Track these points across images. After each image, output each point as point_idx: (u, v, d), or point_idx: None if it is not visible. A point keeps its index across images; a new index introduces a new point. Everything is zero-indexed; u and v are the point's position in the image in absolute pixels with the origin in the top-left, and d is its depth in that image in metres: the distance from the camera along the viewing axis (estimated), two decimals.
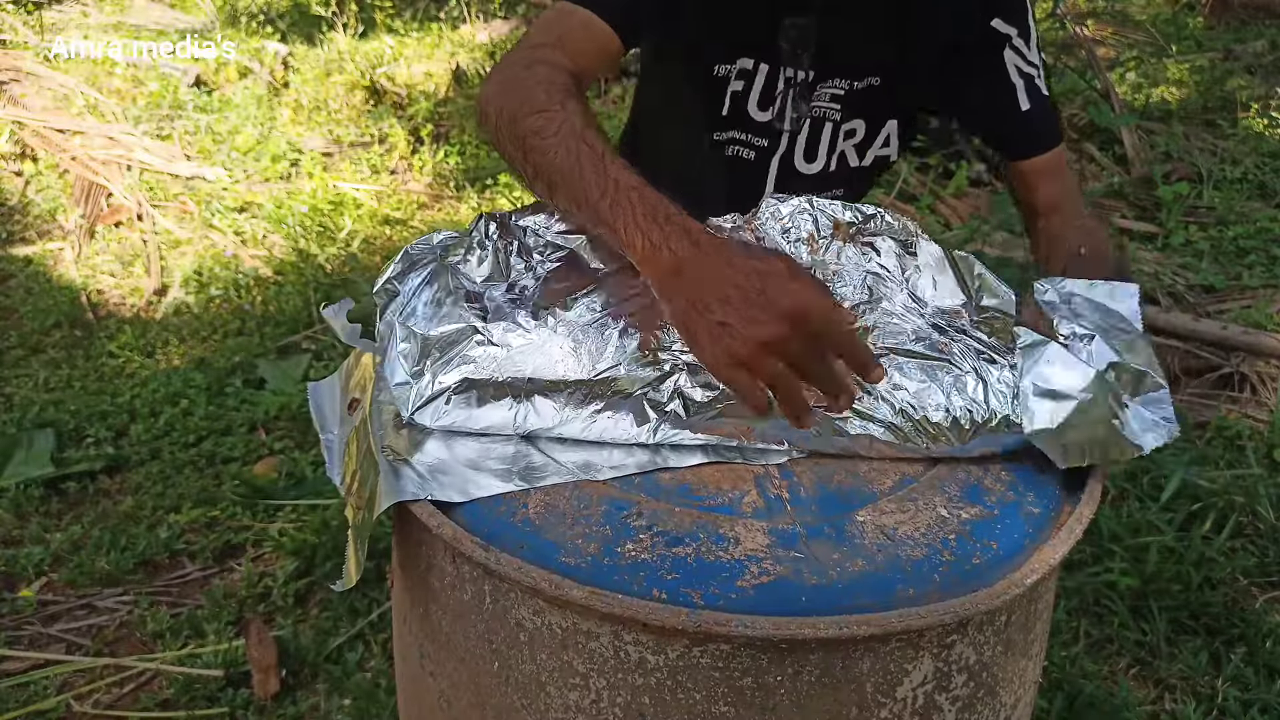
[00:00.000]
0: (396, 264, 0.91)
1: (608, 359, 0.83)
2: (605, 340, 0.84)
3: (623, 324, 0.84)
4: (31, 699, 1.74)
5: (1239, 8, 5.76)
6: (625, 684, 0.73)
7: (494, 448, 0.84)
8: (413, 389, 0.84)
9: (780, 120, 1.20)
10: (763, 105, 1.19)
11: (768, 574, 0.73)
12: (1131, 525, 2.06)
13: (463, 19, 5.59)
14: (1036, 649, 0.87)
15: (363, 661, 1.83)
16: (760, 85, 1.17)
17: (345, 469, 0.92)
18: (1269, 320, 2.85)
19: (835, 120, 1.21)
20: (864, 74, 1.18)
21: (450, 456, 0.83)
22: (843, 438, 0.85)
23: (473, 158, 4.03)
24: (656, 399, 0.83)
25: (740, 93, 1.18)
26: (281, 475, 2.32)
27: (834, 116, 1.21)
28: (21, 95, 4.13)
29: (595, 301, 0.86)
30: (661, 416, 0.84)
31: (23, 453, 2.36)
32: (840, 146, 1.23)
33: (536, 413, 0.84)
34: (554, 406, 0.84)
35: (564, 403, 0.84)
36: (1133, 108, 4.33)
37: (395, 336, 0.85)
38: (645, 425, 0.84)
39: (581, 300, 0.86)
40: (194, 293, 3.17)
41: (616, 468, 0.83)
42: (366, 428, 0.89)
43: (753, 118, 1.20)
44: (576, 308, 0.85)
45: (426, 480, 0.80)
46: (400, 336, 0.85)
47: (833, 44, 1.15)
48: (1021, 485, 0.86)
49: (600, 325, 0.84)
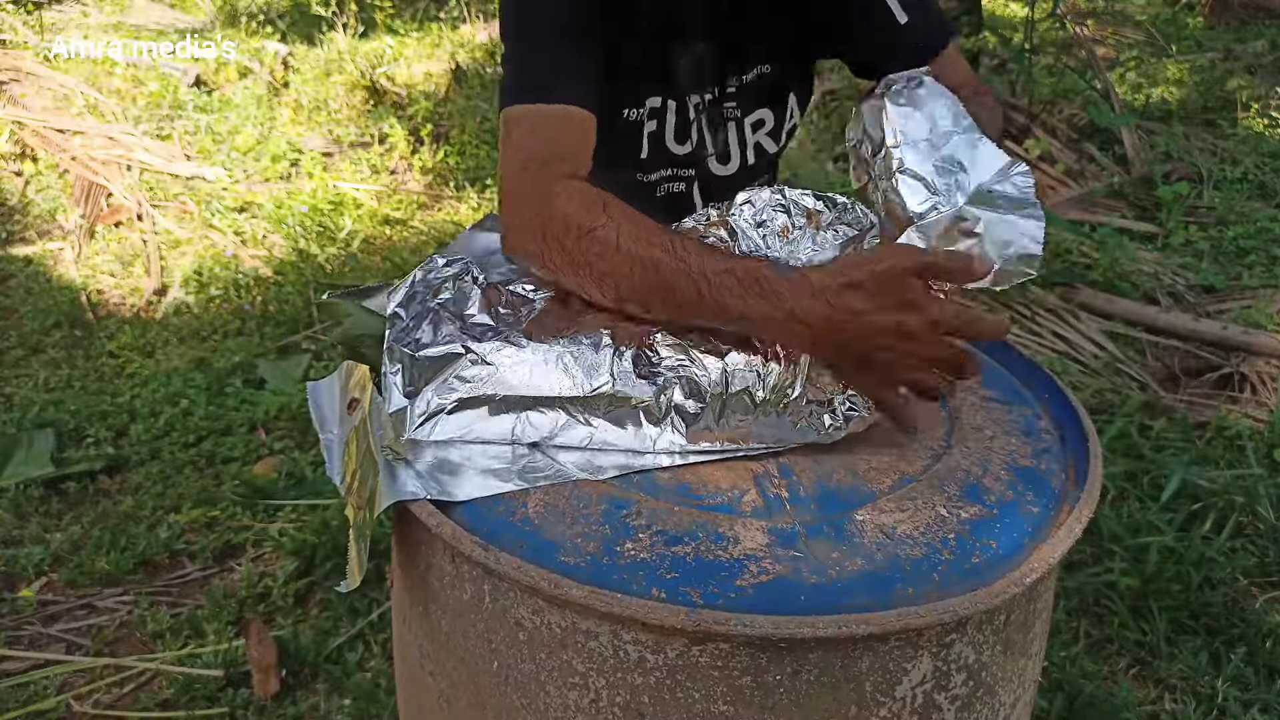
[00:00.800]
0: (402, 290, 0.91)
1: (603, 375, 0.83)
2: (599, 358, 0.84)
3: (613, 343, 0.85)
4: (31, 699, 1.74)
5: (1239, 8, 5.77)
6: (624, 683, 0.73)
7: (494, 448, 0.85)
8: (409, 410, 0.84)
9: (701, 148, 1.18)
10: (680, 139, 1.17)
11: (767, 573, 0.73)
12: (1131, 525, 2.06)
13: (463, 19, 5.59)
14: (1036, 648, 0.87)
15: (363, 661, 1.83)
16: (672, 121, 1.16)
17: (345, 468, 0.92)
18: (1269, 320, 2.85)
19: (737, 118, 1.19)
20: (756, 62, 1.16)
21: (450, 456, 0.83)
22: (836, 423, 0.86)
23: (472, 158, 4.04)
24: (654, 412, 0.84)
25: (656, 132, 1.16)
26: (281, 475, 2.32)
27: (735, 115, 1.19)
28: (21, 95, 4.13)
29: (584, 333, 0.86)
30: (659, 428, 0.84)
31: (23, 453, 2.36)
32: (753, 139, 1.21)
33: (534, 427, 0.85)
34: (550, 421, 0.84)
35: (561, 417, 0.84)
36: (1133, 108, 4.33)
37: (388, 361, 0.86)
38: (644, 437, 0.84)
39: (570, 333, 0.87)
40: (194, 293, 3.17)
41: (618, 467, 0.83)
42: (366, 427, 0.89)
43: (673, 152, 1.18)
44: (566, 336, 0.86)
45: (426, 479, 0.80)
46: (394, 359, 0.85)
47: (726, 49, 1.13)
48: (1021, 484, 0.86)
49: (593, 344, 0.84)
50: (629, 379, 0.83)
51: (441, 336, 0.84)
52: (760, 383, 0.83)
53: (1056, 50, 4.67)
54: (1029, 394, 1.02)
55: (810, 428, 0.85)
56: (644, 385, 0.83)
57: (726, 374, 0.82)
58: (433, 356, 0.84)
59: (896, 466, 0.86)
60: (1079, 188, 3.70)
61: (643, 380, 0.83)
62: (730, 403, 0.83)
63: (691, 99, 1.15)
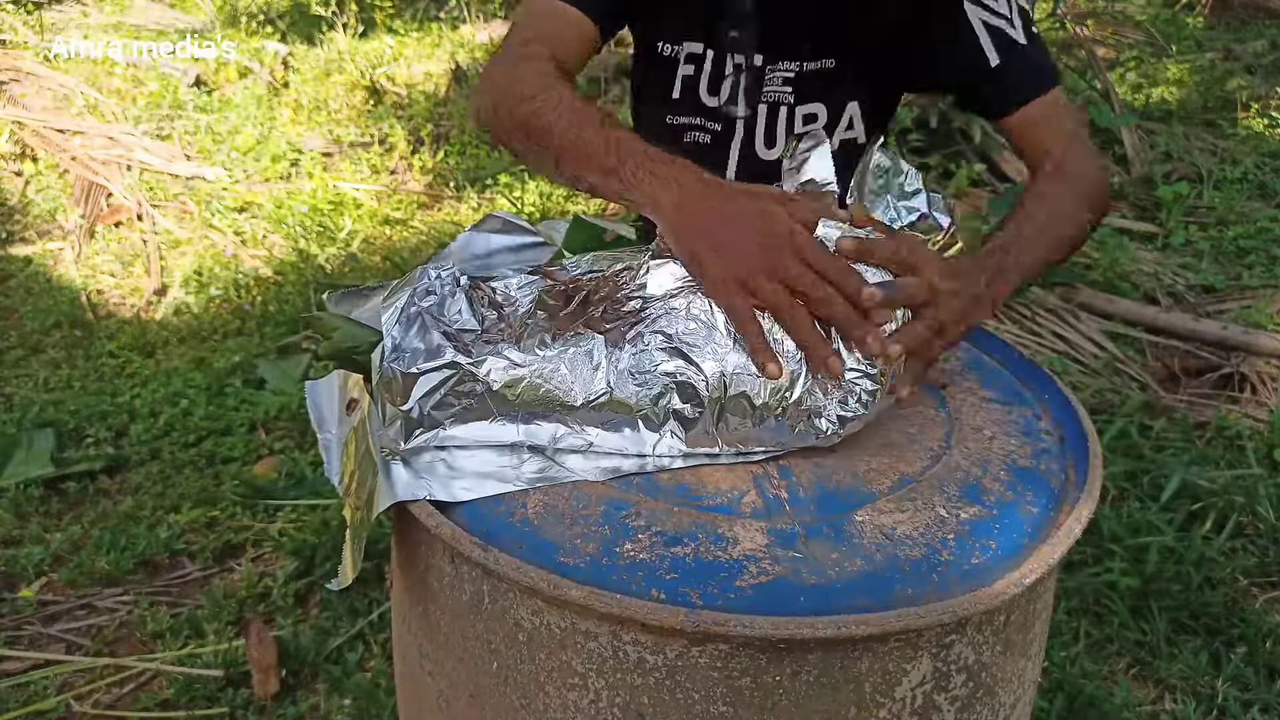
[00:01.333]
0: (397, 296, 0.87)
1: (599, 383, 0.82)
2: (594, 365, 0.82)
3: (607, 347, 0.83)
4: (31, 699, 1.74)
5: (1239, 8, 5.76)
6: (624, 684, 0.73)
7: (493, 451, 0.84)
8: (401, 426, 0.82)
9: (733, 105, 1.19)
10: (711, 90, 1.18)
11: (766, 574, 0.73)
12: (1131, 525, 2.06)
13: (462, 19, 5.59)
14: (1036, 649, 0.87)
15: (363, 661, 1.83)
16: (708, 71, 1.17)
17: (344, 469, 0.91)
18: (1269, 320, 2.85)
19: (789, 104, 1.19)
20: (817, 55, 1.16)
21: (449, 458, 0.83)
22: (835, 426, 0.84)
23: (472, 158, 4.03)
24: (652, 419, 0.83)
25: (690, 76, 1.18)
26: (281, 475, 2.32)
27: (788, 100, 1.19)
28: (21, 95, 4.13)
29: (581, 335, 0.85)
30: (658, 434, 0.84)
31: (23, 453, 2.36)
32: (802, 131, 1.20)
33: (533, 436, 0.84)
34: (549, 431, 0.84)
35: (560, 428, 0.84)
36: (1133, 108, 4.33)
37: (380, 378, 0.83)
38: (644, 442, 0.84)
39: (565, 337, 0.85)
40: (194, 293, 3.17)
41: (616, 470, 0.83)
42: (365, 427, 0.89)
43: (704, 103, 1.19)
44: (560, 341, 0.84)
45: (425, 480, 0.80)
46: (386, 376, 0.82)
47: (781, 26, 1.13)
48: (1020, 484, 0.86)
49: (587, 352, 0.83)
50: (625, 386, 0.82)
51: (431, 347, 0.82)
52: (759, 386, 0.82)
53: (1056, 50, 4.66)
54: (1029, 394, 1.01)
55: (809, 431, 0.84)
56: (640, 391, 0.82)
57: (724, 378, 0.82)
58: (425, 372, 0.81)
59: (896, 467, 0.86)
60: None
61: (638, 387, 0.82)
62: (729, 405, 0.82)
63: (735, 58, 1.16)
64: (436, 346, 0.82)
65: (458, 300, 0.85)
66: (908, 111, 3.80)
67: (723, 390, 0.82)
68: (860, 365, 0.83)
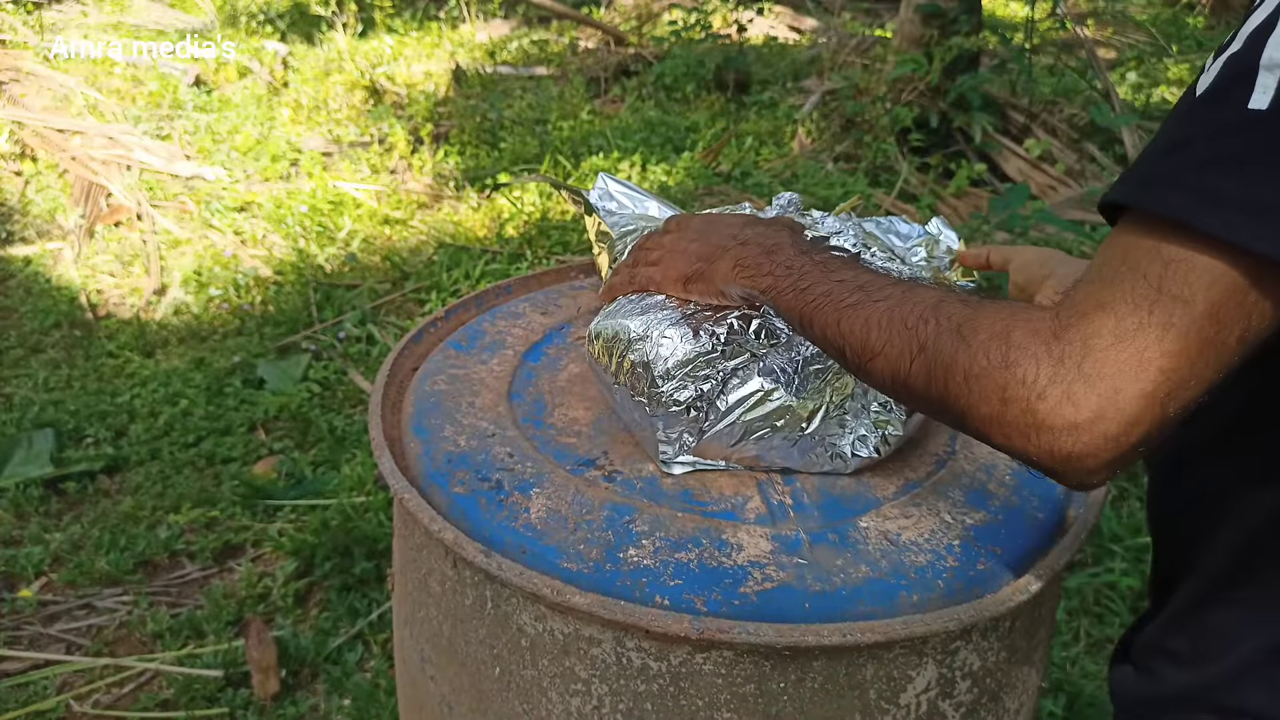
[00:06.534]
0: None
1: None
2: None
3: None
4: (31, 699, 1.74)
5: (1239, 7, 5.76)
6: (627, 690, 0.73)
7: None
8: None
9: None
10: None
11: (771, 580, 0.72)
12: (1131, 525, 2.06)
13: (462, 19, 5.59)
14: (1040, 654, 0.87)
15: (362, 662, 1.83)
16: None
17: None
18: None
19: None
20: None
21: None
22: (841, 460, 0.84)
23: (472, 158, 4.03)
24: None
25: None
26: (281, 475, 2.32)
27: None
28: (21, 95, 4.13)
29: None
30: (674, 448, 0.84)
31: (23, 453, 2.35)
32: None
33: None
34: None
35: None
36: (1133, 108, 4.33)
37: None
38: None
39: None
40: (193, 293, 3.16)
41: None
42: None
43: None
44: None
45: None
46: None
47: None
48: (1025, 490, 0.85)
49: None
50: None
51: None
52: (781, 412, 0.80)
53: (1057, 50, 4.66)
54: None
55: (822, 459, 0.84)
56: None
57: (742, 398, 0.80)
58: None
59: (901, 473, 0.86)
60: (1079, 188, 3.69)
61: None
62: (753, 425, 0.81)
63: None
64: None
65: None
66: (908, 111, 3.80)
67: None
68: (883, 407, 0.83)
